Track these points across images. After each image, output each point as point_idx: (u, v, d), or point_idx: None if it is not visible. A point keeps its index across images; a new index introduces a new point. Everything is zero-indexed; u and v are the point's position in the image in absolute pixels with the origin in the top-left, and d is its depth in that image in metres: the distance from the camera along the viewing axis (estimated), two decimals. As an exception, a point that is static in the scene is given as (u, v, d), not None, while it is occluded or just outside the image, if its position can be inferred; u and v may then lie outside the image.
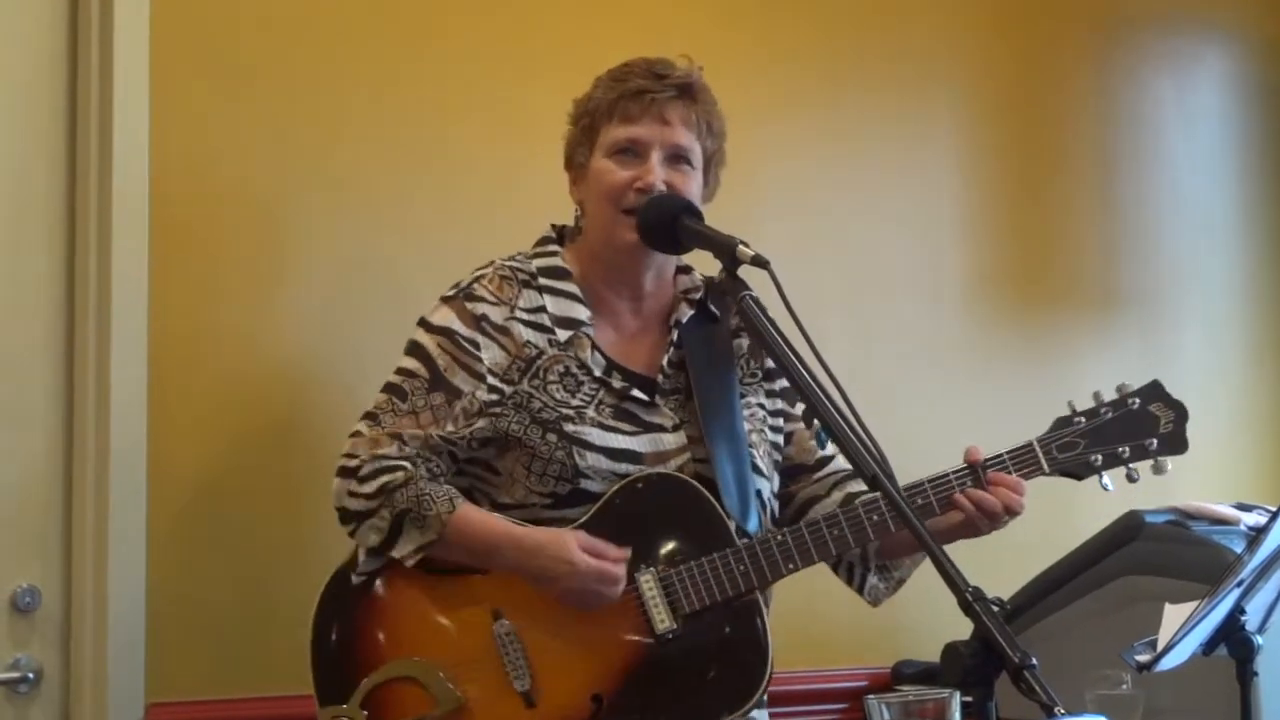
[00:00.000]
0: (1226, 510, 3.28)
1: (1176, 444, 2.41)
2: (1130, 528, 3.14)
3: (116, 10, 2.75)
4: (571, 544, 2.27)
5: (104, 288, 2.73)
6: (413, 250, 2.97)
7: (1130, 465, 2.40)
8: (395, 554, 2.30)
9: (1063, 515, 3.41)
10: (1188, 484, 3.80)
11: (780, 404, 2.55)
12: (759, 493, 2.43)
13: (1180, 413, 2.42)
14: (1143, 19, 4.09)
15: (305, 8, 2.98)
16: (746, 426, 2.46)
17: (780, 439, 2.54)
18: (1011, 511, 2.35)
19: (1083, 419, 2.41)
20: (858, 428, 1.93)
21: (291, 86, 2.94)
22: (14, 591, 2.68)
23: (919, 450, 2.48)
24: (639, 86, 2.43)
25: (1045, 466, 2.40)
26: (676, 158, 2.43)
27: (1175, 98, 4.12)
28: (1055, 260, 3.88)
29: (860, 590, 2.55)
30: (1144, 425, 2.41)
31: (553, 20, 3.22)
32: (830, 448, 2.57)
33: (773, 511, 2.48)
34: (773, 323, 2.07)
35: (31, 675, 2.68)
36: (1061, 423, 2.42)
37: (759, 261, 2.12)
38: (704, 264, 2.26)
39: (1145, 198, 4.04)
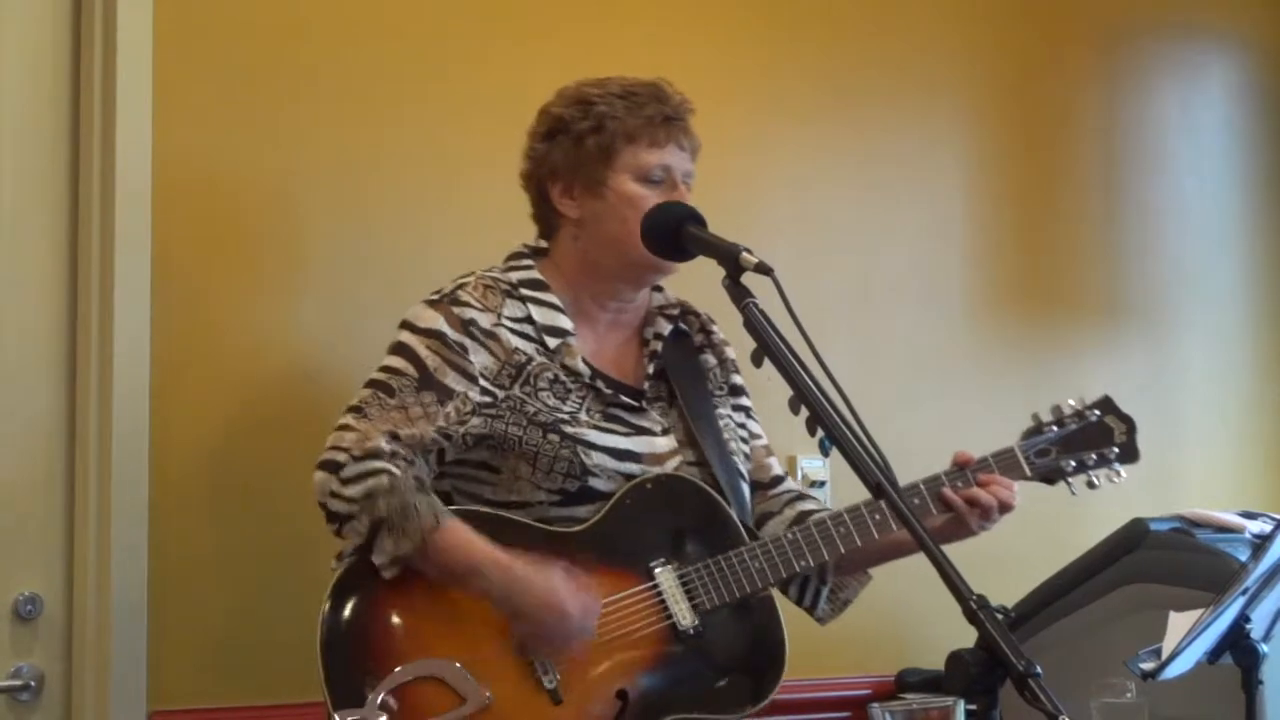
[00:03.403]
0: (1231, 518, 3.27)
1: (1131, 454, 2.57)
2: (1135, 535, 3.14)
3: (120, 10, 2.75)
4: (563, 584, 2.27)
5: (106, 291, 2.72)
6: (414, 248, 2.98)
7: (1093, 473, 2.55)
8: (374, 560, 2.25)
9: (1067, 523, 3.40)
10: (1193, 491, 3.81)
11: (742, 419, 2.62)
12: (745, 497, 2.51)
13: (1130, 425, 2.58)
14: (1147, 28, 4.08)
15: (307, 8, 2.98)
16: (725, 436, 2.53)
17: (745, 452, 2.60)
18: (1006, 507, 2.47)
19: (1053, 428, 2.56)
20: (862, 437, 1.92)
21: (294, 85, 2.94)
22: (15, 599, 2.68)
23: (923, 460, 2.49)
24: (663, 113, 2.47)
25: (1026, 470, 2.53)
26: (686, 184, 2.49)
27: (1180, 107, 4.11)
28: (1060, 270, 3.88)
29: (812, 608, 2.62)
30: (1104, 436, 2.57)
31: (559, 26, 3.22)
32: (781, 467, 2.67)
33: None
34: (776, 330, 2.07)
35: (33, 683, 2.68)
36: (1032, 431, 2.57)
37: (762, 269, 2.11)
38: (706, 271, 2.25)
39: (1150, 207, 4.03)
